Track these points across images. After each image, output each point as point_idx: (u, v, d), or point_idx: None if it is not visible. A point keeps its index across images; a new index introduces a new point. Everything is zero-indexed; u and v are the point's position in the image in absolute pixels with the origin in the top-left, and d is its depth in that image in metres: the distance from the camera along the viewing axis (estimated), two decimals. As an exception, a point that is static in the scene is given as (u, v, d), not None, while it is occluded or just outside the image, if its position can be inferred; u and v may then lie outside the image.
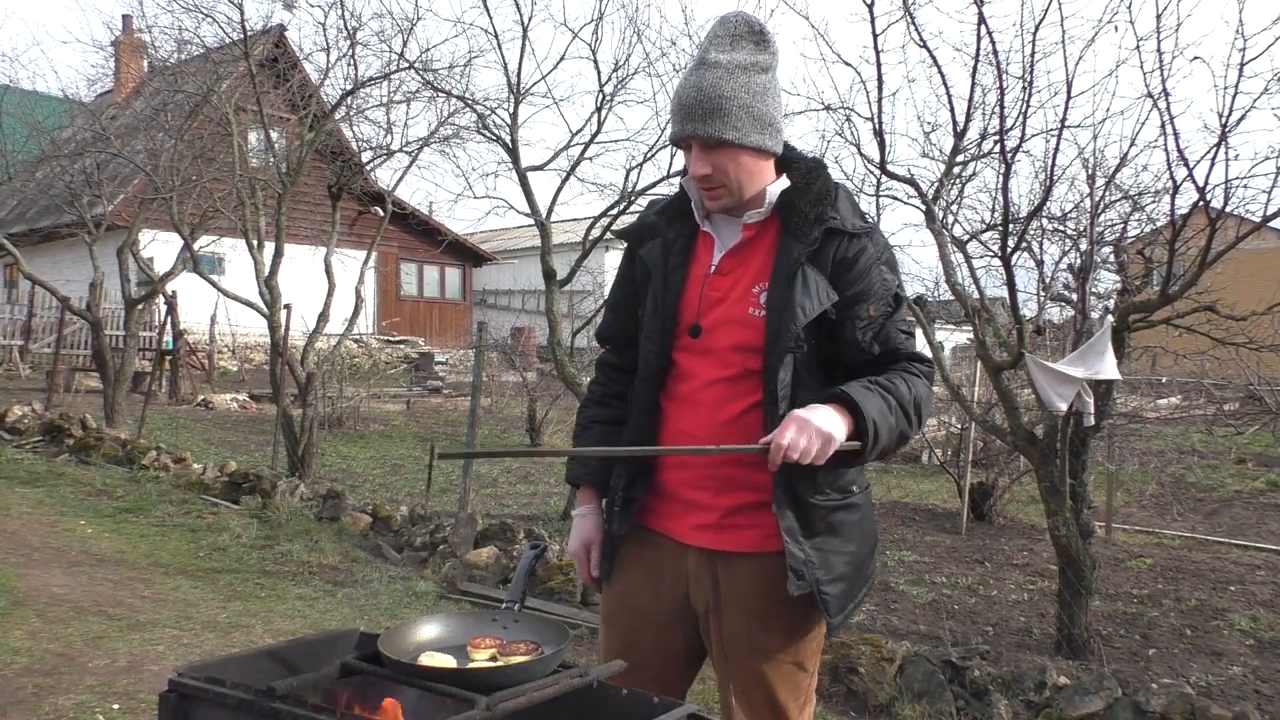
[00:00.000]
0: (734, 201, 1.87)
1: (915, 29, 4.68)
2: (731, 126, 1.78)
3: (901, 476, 10.91)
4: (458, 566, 5.91)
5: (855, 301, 1.83)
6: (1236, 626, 5.29)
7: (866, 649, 4.35)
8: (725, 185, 1.84)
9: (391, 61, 8.94)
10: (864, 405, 1.73)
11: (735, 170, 1.82)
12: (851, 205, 1.91)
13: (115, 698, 3.72)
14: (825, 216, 1.84)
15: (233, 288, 9.37)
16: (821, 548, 1.85)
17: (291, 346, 9.40)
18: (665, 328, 1.92)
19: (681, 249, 1.94)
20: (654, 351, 1.94)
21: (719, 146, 1.80)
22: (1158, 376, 13.30)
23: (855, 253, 1.84)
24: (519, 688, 1.45)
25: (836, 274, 1.83)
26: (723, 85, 1.78)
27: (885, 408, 1.77)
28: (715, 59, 1.79)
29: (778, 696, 1.90)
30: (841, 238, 1.84)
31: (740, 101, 1.78)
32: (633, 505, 1.96)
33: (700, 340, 1.89)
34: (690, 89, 1.79)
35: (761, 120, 1.81)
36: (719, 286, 1.89)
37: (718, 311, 1.88)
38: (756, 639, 1.90)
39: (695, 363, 1.90)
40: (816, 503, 1.85)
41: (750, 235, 1.90)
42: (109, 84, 17.13)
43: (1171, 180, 4.30)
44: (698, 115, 1.78)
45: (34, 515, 6.94)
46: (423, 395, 17.18)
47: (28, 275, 11.65)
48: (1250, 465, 11.82)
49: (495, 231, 30.63)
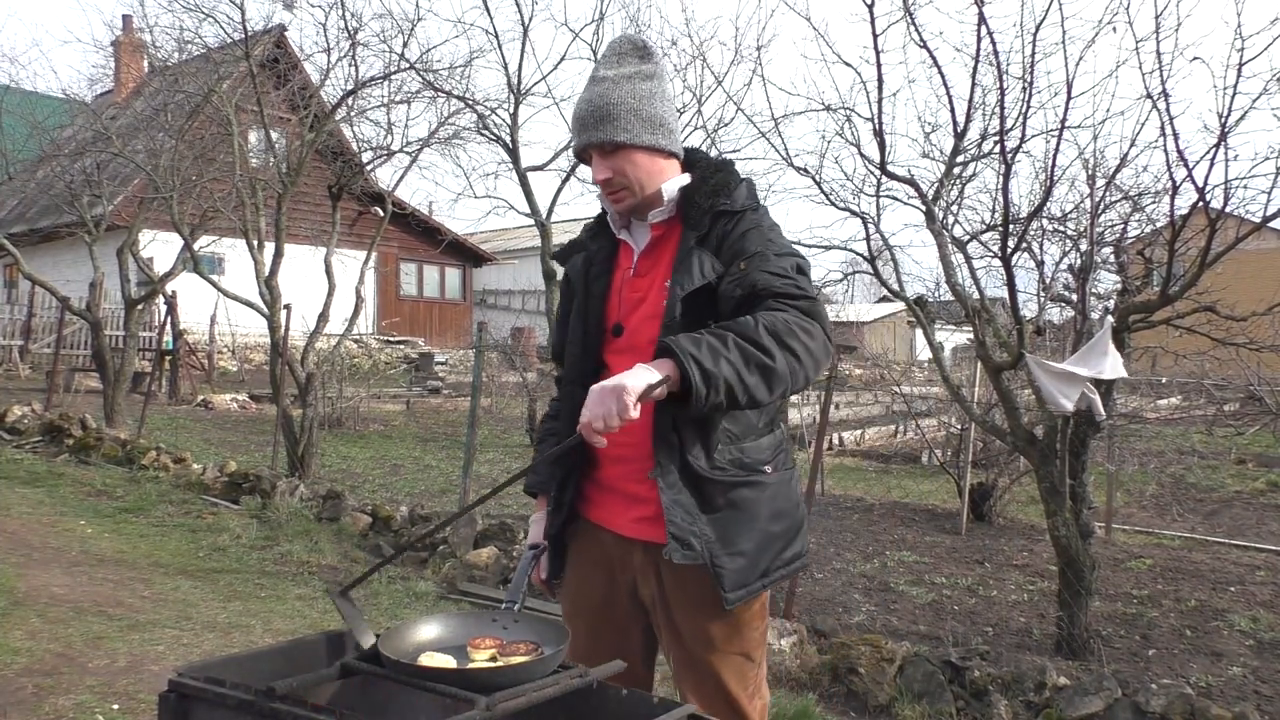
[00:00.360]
0: (637, 201, 1.96)
1: (915, 29, 4.68)
2: (622, 129, 1.90)
3: (901, 476, 10.91)
4: (458, 566, 5.91)
5: (730, 262, 1.87)
6: (1236, 627, 5.29)
7: (866, 649, 4.35)
8: (627, 187, 1.94)
9: (392, 62, 8.95)
10: (676, 344, 1.64)
11: (633, 171, 1.93)
12: (748, 192, 1.98)
13: (115, 698, 3.72)
14: (716, 206, 1.92)
15: (233, 288, 9.36)
16: (722, 523, 1.87)
17: (291, 346, 9.40)
18: (591, 332, 2.01)
19: (604, 259, 2.04)
20: (579, 355, 2.02)
21: (615, 150, 1.91)
22: (1158, 377, 13.30)
23: (736, 224, 1.91)
24: (519, 688, 1.45)
25: (721, 248, 1.89)
26: (610, 94, 1.91)
27: (717, 343, 1.66)
28: (603, 75, 1.93)
29: (729, 688, 1.95)
30: (729, 217, 1.91)
31: (628, 106, 1.90)
32: (564, 507, 2.04)
33: (623, 339, 1.97)
34: (582, 104, 1.93)
35: (651, 121, 1.92)
36: (638, 287, 1.98)
37: (639, 311, 1.96)
38: (703, 631, 1.94)
39: (621, 361, 1.93)
40: (716, 478, 1.87)
41: (659, 234, 1.99)
42: (109, 84, 17.14)
43: (1171, 181, 4.30)
44: (590, 124, 1.91)
45: (34, 515, 6.94)
46: (422, 395, 17.17)
47: (28, 275, 11.65)
48: (1250, 466, 11.82)
49: (495, 231, 30.67)
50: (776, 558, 1.95)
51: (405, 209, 19.16)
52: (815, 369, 1.77)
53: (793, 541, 1.99)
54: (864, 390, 18.26)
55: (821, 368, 1.80)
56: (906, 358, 29.03)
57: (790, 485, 2.00)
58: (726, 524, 1.88)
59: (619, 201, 1.97)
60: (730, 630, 1.95)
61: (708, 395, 1.63)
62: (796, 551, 2.01)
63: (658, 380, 1.62)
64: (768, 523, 1.92)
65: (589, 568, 2.04)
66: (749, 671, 1.99)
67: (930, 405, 12.34)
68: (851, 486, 10.16)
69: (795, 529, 1.99)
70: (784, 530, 1.96)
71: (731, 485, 1.88)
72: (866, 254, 5.44)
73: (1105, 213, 5.27)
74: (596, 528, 2.02)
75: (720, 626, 1.94)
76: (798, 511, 2.01)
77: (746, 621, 1.97)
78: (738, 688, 1.96)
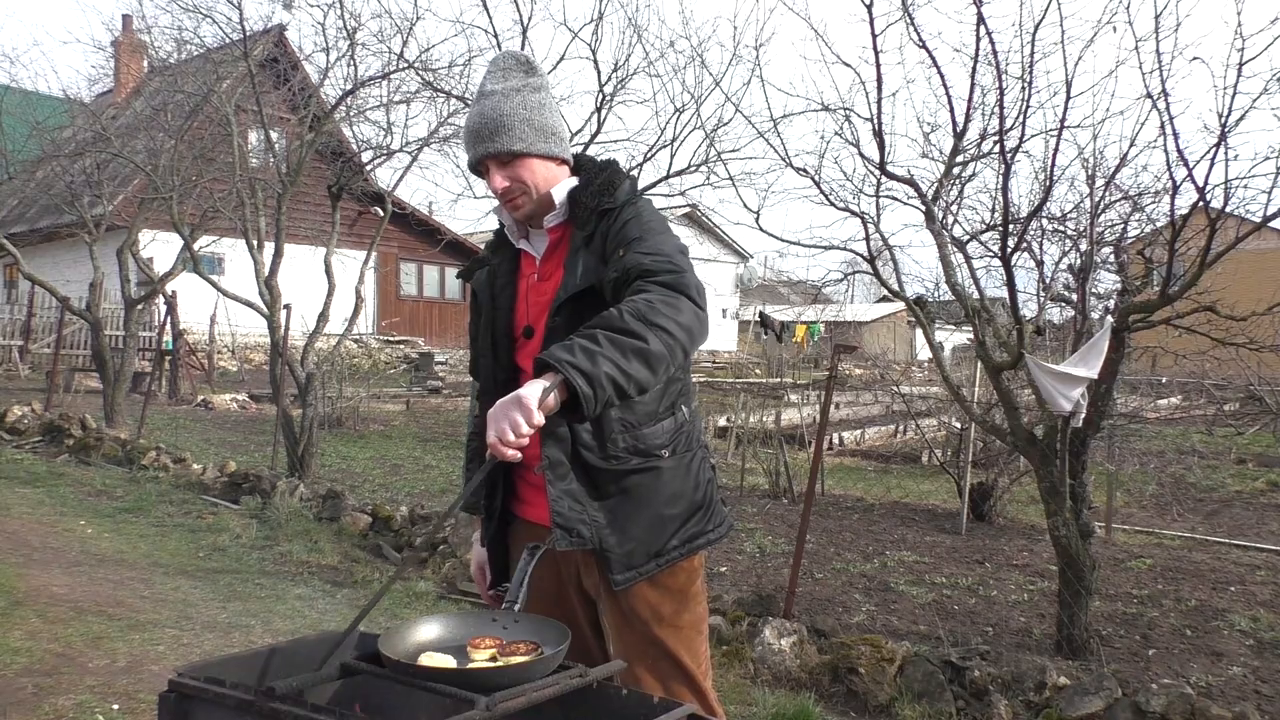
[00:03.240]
0: (534, 207, 2.03)
1: (914, 30, 4.68)
2: (518, 138, 1.97)
3: (901, 476, 10.91)
4: (458, 566, 5.91)
5: (613, 253, 1.92)
6: (1236, 627, 5.29)
7: (866, 649, 4.36)
8: (525, 193, 2.01)
9: (391, 61, 8.95)
10: (551, 356, 1.62)
11: (530, 178, 2.00)
12: (630, 188, 2.05)
13: (115, 698, 3.72)
14: (601, 205, 1.99)
15: (233, 288, 9.36)
16: (614, 509, 1.96)
17: (291, 346, 9.39)
18: (500, 341, 2.08)
19: (507, 270, 2.12)
20: (491, 365, 2.09)
21: (512, 160, 1.99)
22: (1158, 376, 13.30)
23: (616, 218, 1.97)
24: (519, 688, 1.45)
25: (605, 245, 1.95)
26: (502, 106, 1.98)
27: (588, 344, 1.64)
28: (491, 89, 2.00)
29: (684, 662, 2.03)
30: (613, 215, 1.98)
31: (520, 116, 1.98)
32: (495, 513, 2.12)
33: (533, 341, 2.02)
34: (475, 117, 1.99)
35: (544, 130, 2.00)
36: (544, 291, 2.04)
37: (547, 313, 2.01)
38: (651, 606, 2.01)
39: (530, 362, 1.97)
40: (608, 468, 1.95)
41: (555, 238, 2.06)
42: (109, 84, 17.13)
43: (1171, 180, 4.30)
44: (485, 136, 1.97)
45: (34, 515, 6.94)
46: (422, 395, 17.18)
47: (28, 275, 11.65)
48: (1250, 465, 11.82)
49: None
50: (670, 538, 2.02)
51: (405, 209, 19.17)
52: (690, 339, 1.76)
53: (691, 521, 2.04)
54: (864, 390, 18.26)
55: (697, 336, 1.78)
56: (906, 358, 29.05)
57: (690, 467, 2.05)
58: (617, 510, 1.96)
59: (518, 209, 2.03)
60: (677, 603, 2.04)
61: (595, 396, 1.61)
62: (698, 530, 2.06)
63: (550, 385, 1.60)
64: (662, 506, 2.00)
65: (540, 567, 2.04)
66: (700, 646, 2.08)
67: (930, 405, 12.34)
68: (851, 486, 10.17)
69: (695, 508, 2.05)
70: (681, 512, 2.03)
71: (624, 473, 1.96)
72: (866, 254, 5.43)
73: (1105, 213, 5.27)
74: (534, 525, 2.07)
75: (668, 600, 2.03)
76: (698, 492, 2.07)
77: (692, 595, 2.07)
78: (691, 662, 2.04)
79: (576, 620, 2.08)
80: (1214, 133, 3.98)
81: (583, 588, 2.08)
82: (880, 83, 4.80)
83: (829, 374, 6.07)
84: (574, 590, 2.09)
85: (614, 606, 2.03)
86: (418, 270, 26.19)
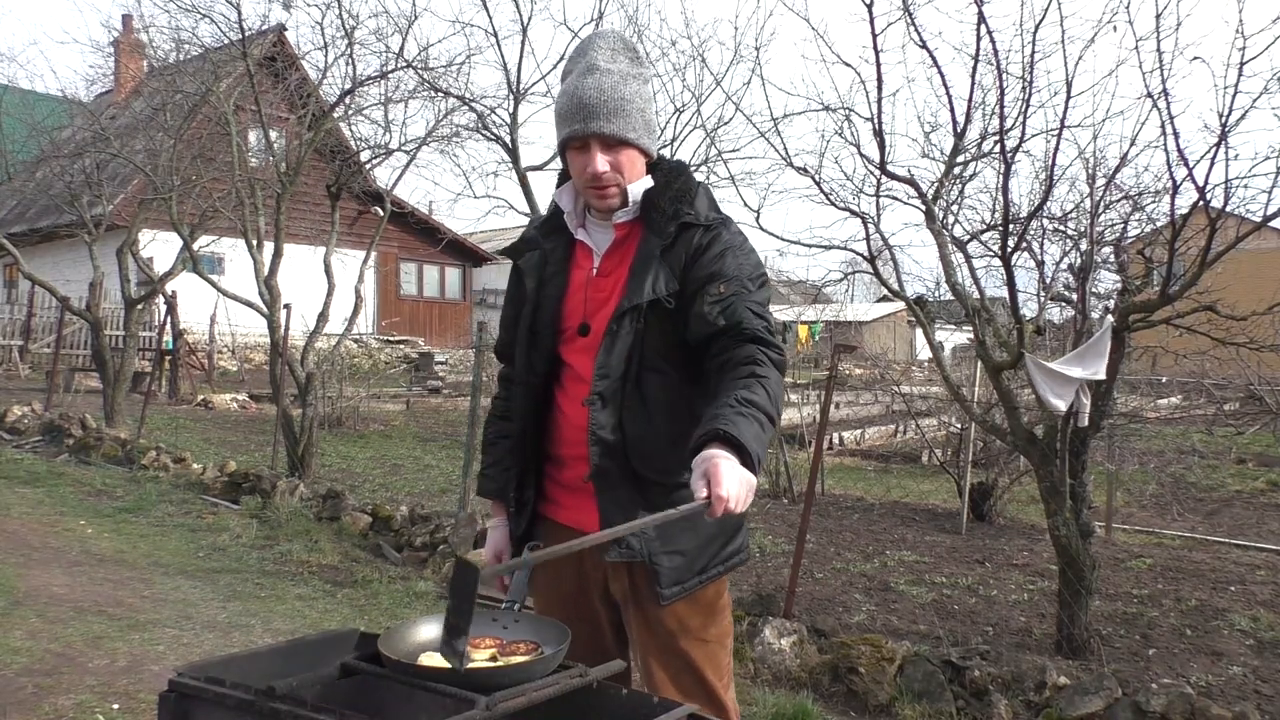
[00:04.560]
0: (621, 201, 1.96)
1: (915, 29, 4.67)
2: (632, 127, 1.90)
3: (901, 476, 10.91)
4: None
5: (708, 281, 1.89)
6: (1236, 626, 5.29)
7: (866, 649, 4.35)
8: (619, 184, 1.93)
9: (389, 60, 8.95)
10: (749, 445, 1.66)
11: (629, 170, 1.93)
12: (709, 201, 2.01)
13: (115, 698, 3.72)
14: (681, 213, 1.94)
15: (232, 288, 9.36)
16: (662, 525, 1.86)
17: (291, 346, 9.39)
18: (543, 331, 2.01)
19: (560, 258, 2.04)
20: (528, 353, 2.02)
21: (620, 145, 1.90)
22: (1158, 376, 13.30)
23: (709, 241, 1.93)
24: (519, 688, 1.45)
25: (690, 261, 1.91)
26: (622, 89, 1.89)
27: (759, 430, 1.71)
28: (606, 66, 1.90)
29: (706, 677, 1.98)
30: (696, 230, 1.94)
31: (636, 105, 1.91)
32: (526, 506, 2.06)
33: (588, 339, 1.97)
34: (592, 90, 1.88)
35: (650, 126, 1.96)
36: (602, 287, 1.98)
37: (603, 311, 1.96)
38: (679, 618, 1.98)
39: (583, 362, 1.97)
40: (661, 481, 1.92)
41: (622, 235, 2.00)
42: (109, 84, 17.13)
43: (1171, 180, 4.30)
44: (603, 114, 1.87)
45: (34, 515, 6.94)
46: (422, 395, 17.18)
47: (28, 275, 11.65)
48: (1250, 465, 11.82)
49: (495, 231, 30.61)
50: (715, 555, 1.99)
51: (405, 208, 19.14)
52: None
53: (733, 538, 2.03)
54: (864, 390, 18.25)
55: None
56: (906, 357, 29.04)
57: None
58: (671, 527, 1.87)
59: (606, 198, 1.95)
60: (705, 617, 2.00)
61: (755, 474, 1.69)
62: (736, 547, 2.05)
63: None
64: (710, 524, 1.91)
65: (559, 567, 2.02)
66: (723, 659, 2.05)
67: (930, 405, 12.34)
68: (851, 486, 10.16)
69: (736, 526, 2.03)
70: (725, 530, 2.00)
71: (676, 487, 1.89)
72: (866, 254, 5.43)
73: (1105, 212, 5.27)
74: (563, 527, 2.03)
75: (696, 613, 1.99)
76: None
77: (720, 609, 2.04)
78: (714, 675, 2.00)
79: (599, 624, 2.05)
80: (1214, 132, 3.98)
81: (608, 592, 2.03)
82: (880, 82, 4.80)
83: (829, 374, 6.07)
84: (598, 594, 2.04)
85: (641, 616, 1.99)
86: (418, 270, 26.19)
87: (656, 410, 1.92)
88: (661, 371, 1.92)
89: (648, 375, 1.91)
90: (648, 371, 1.91)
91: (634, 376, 1.90)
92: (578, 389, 1.98)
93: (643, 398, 1.92)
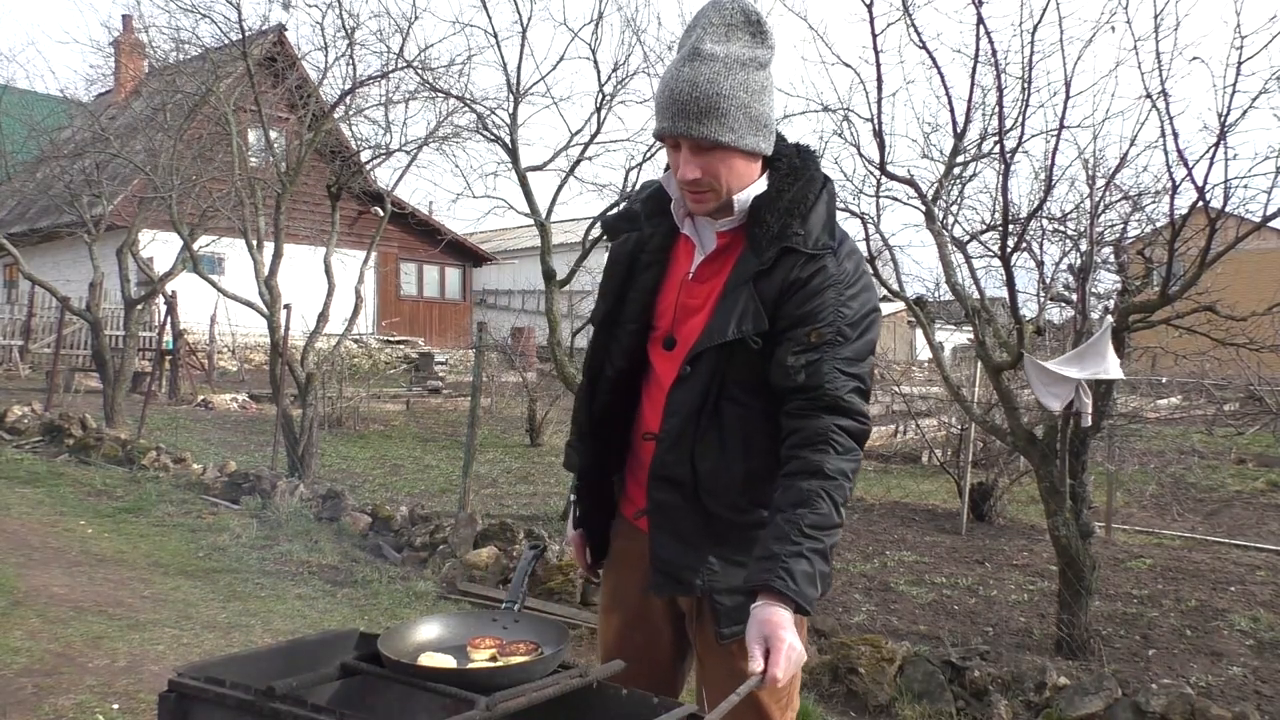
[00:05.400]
0: (720, 206, 1.76)
1: (914, 30, 4.68)
2: (728, 129, 1.66)
3: (901, 476, 10.91)
4: (458, 566, 5.91)
5: (798, 323, 1.71)
6: (1236, 627, 5.29)
7: (866, 649, 4.35)
8: (714, 190, 1.73)
9: (390, 61, 8.95)
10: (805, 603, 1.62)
11: (726, 174, 1.71)
12: (825, 217, 1.77)
13: (115, 698, 3.72)
14: (787, 234, 1.72)
15: (233, 288, 9.36)
16: (727, 558, 1.79)
17: (291, 346, 9.39)
18: (626, 324, 1.87)
19: (658, 247, 1.86)
20: (606, 343, 1.90)
21: (713, 149, 1.69)
22: (1158, 376, 13.30)
23: (810, 274, 1.72)
24: (519, 688, 1.45)
25: (785, 295, 1.72)
26: (720, 82, 1.64)
27: (818, 568, 1.64)
28: (711, 51, 1.65)
29: (763, 703, 1.84)
30: (799, 258, 1.72)
31: (738, 101, 1.66)
32: (613, 506, 1.97)
33: (674, 352, 1.83)
34: (685, 83, 1.65)
35: (757, 121, 1.70)
36: (695, 294, 1.82)
37: (694, 320, 1.81)
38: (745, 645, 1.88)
39: (664, 370, 1.86)
40: (730, 517, 1.79)
41: (724, 243, 1.81)
42: (109, 84, 17.13)
43: (1171, 180, 4.30)
44: (693, 113, 1.65)
45: (34, 515, 6.94)
46: (422, 395, 17.17)
47: (28, 275, 11.65)
48: (1250, 465, 11.82)
49: (495, 231, 30.64)
50: None
51: (405, 209, 19.14)
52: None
53: None
54: (864, 390, 18.20)
55: None
56: (906, 358, 29.02)
57: None
58: (730, 559, 1.79)
59: (701, 203, 1.76)
60: None
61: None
62: None
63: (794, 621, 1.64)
64: None
65: (628, 569, 1.96)
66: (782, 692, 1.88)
67: (930, 405, 12.34)
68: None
69: None
70: None
71: (747, 525, 1.79)
72: (866, 254, 5.43)
73: (1105, 213, 5.27)
74: (636, 528, 1.93)
75: None
76: None
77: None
78: (770, 700, 1.86)
79: (659, 641, 1.95)
80: (1214, 132, 3.99)
81: (675, 602, 1.91)
82: (880, 83, 4.81)
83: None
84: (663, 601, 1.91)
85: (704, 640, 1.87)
86: (418, 270, 26.17)
87: (732, 444, 1.77)
88: (742, 404, 1.76)
89: (726, 406, 1.76)
90: (727, 402, 1.76)
91: (711, 409, 1.76)
92: (648, 392, 1.89)
93: (720, 430, 1.77)
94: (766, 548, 1.65)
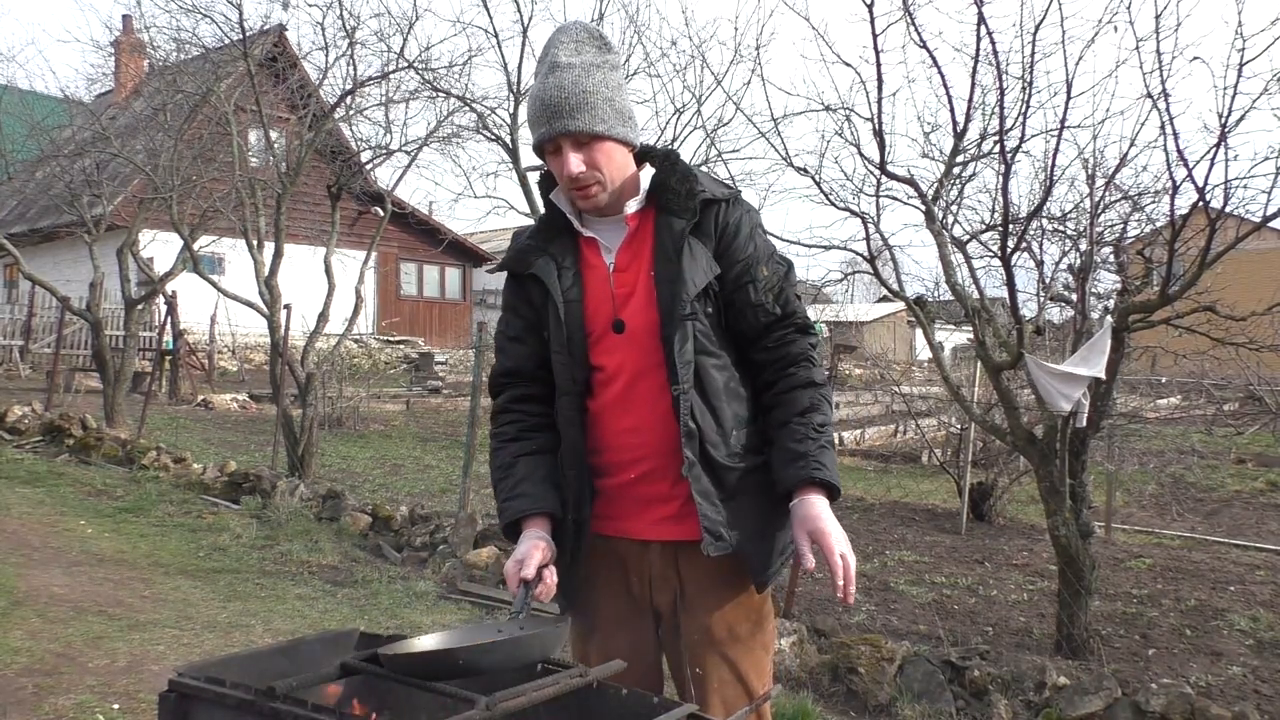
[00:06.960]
0: (607, 198, 1.88)
1: (915, 29, 4.67)
2: (600, 119, 1.82)
3: (901, 476, 10.91)
4: (458, 566, 5.91)
5: (750, 264, 1.89)
6: (1236, 626, 5.29)
7: (866, 649, 4.35)
8: (599, 181, 1.86)
9: (390, 61, 8.95)
10: (838, 485, 1.86)
11: (607, 164, 1.85)
12: (712, 178, 1.97)
13: (115, 698, 3.72)
14: (695, 190, 1.87)
15: (233, 288, 9.36)
16: (741, 510, 1.89)
17: (291, 346, 9.39)
18: (574, 336, 1.91)
19: (572, 260, 1.94)
20: (568, 363, 1.92)
21: (591, 141, 1.83)
22: (1158, 376, 13.31)
23: (736, 218, 1.90)
24: (519, 688, 1.45)
25: (723, 242, 1.89)
26: (584, 81, 1.81)
27: (832, 458, 1.88)
28: (569, 61, 1.82)
29: (750, 682, 1.94)
30: (719, 205, 1.90)
31: (603, 95, 1.82)
32: (585, 525, 1.94)
33: (625, 335, 1.90)
34: (552, 90, 1.80)
35: (623, 114, 1.86)
36: (625, 282, 1.92)
37: (631, 304, 1.90)
38: (730, 625, 1.94)
39: (618, 360, 1.91)
40: (732, 465, 1.88)
41: (634, 226, 1.92)
42: (109, 84, 17.12)
43: (1171, 180, 4.30)
44: (566, 111, 1.80)
45: (34, 515, 6.94)
46: (422, 395, 17.17)
47: (28, 275, 11.65)
48: (1250, 465, 11.82)
49: (495, 231, 30.60)
50: (780, 531, 1.95)
51: (405, 209, 19.15)
52: None
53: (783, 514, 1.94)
54: (864, 390, 18.25)
55: None
56: (906, 358, 29.03)
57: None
58: (745, 510, 1.89)
59: (589, 198, 1.87)
60: (754, 623, 1.97)
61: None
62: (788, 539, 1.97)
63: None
64: (775, 503, 1.91)
65: (603, 579, 1.99)
66: (766, 663, 2.00)
67: (930, 405, 12.34)
68: (851, 486, 10.16)
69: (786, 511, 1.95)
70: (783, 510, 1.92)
71: (745, 471, 1.89)
72: (866, 254, 5.43)
73: (1105, 212, 5.27)
74: (607, 539, 1.97)
75: (746, 619, 1.96)
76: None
77: (766, 614, 2.00)
78: (756, 681, 1.95)
79: (648, 641, 2.01)
80: (1214, 133, 3.98)
81: (653, 603, 1.98)
82: (881, 82, 4.80)
83: (829, 374, 6.06)
84: (644, 603, 1.99)
85: (691, 623, 1.95)
86: (418, 270, 26.18)
87: (715, 396, 1.89)
88: (715, 355, 1.89)
89: (703, 360, 1.87)
90: (702, 356, 1.87)
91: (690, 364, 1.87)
92: (606, 392, 1.92)
93: (704, 384, 1.88)
94: (791, 449, 1.84)
